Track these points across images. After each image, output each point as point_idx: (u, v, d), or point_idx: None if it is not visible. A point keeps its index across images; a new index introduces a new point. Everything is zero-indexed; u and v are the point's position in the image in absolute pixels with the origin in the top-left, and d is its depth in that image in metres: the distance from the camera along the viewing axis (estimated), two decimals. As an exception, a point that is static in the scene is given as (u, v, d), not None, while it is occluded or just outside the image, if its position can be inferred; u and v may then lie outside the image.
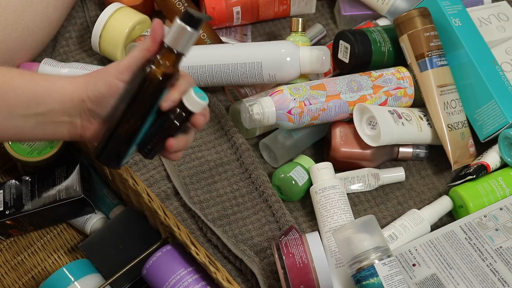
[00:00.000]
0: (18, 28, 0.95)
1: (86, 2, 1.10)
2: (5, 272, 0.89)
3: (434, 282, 0.82)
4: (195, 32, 0.65)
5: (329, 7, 1.13)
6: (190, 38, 0.65)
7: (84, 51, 1.06)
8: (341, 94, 0.90)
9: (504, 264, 0.82)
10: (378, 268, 0.76)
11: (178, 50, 0.66)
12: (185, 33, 0.65)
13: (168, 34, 0.66)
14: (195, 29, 0.65)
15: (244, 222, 0.89)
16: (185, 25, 0.64)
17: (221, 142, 0.96)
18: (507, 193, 0.90)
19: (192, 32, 0.65)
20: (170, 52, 0.66)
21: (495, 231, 0.85)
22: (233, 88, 1.00)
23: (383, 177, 0.92)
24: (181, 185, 0.91)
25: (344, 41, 0.97)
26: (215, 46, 0.95)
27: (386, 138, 0.88)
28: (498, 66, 0.94)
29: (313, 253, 0.79)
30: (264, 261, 0.86)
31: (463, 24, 0.95)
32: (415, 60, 0.93)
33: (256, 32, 1.09)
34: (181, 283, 0.77)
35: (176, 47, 0.65)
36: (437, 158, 0.97)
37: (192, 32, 0.65)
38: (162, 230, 0.84)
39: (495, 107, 0.91)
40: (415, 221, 0.88)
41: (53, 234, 0.92)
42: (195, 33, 0.65)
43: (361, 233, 0.78)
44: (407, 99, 0.94)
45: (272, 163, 0.95)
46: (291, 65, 0.92)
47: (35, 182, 0.88)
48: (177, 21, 0.65)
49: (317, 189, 0.87)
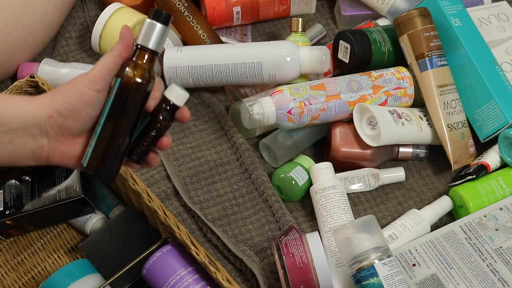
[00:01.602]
0: (18, 28, 0.95)
1: (86, 2, 1.10)
2: (5, 272, 0.89)
3: (434, 282, 0.82)
4: (166, 28, 0.66)
5: (329, 7, 1.13)
6: (162, 35, 0.66)
7: (84, 51, 1.06)
8: (341, 94, 0.90)
9: (504, 264, 0.82)
10: (378, 268, 0.76)
11: (152, 49, 0.66)
12: (157, 30, 0.65)
13: (139, 36, 0.66)
14: (165, 25, 0.66)
15: (244, 222, 0.89)
16: (155, 22, 0.65)
17: (221, 142, 0.96)
18: (507, 193, 0.90)
19: (164, 28, 0.66)
20: (145, 52, 0.66)
21: (495, 231, 0.85)
22: (233, 88, 1.00)
23: (383, 177, 0.92)
24: (181, 185, 0.91)
25: (344, 41, 0.97)
26: (215, 46, 0.95)
27: (386, 138, 0.88)
28: (498, 66, 0.94)
29: (313, 253, 0.79)
30: (264, 261, 0.86)
31: (463, 24, 0.95)
32: (415, 60, 0.93)
33: (256, 32, 1.09)
34: (181, 283, 0.77)
35: (150, 46, 0.66)
36: (437, 158, 0.97)
37: (164, 28, 0.66)
38: (162, 230, 0.84)
39: (495, 107, 0.91)
40: (415, 221, 0.88)
41: (53, 234, 0.92)
42: (166, 29, 0.66)
43: (361, 233, 0.78)
44: (407, 99, 0.94)
45: (272, 163, 0.95)
46: (291, 65, 0.92)
47: (35, 182, 0.88)
48: (147, 20, 0.66)
49: (317, 189, 0.87)
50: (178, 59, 0.94)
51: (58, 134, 0.66)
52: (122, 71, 0.65)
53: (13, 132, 0.65)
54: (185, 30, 0.99)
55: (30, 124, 0.65)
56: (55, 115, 0.65)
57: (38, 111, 0.65)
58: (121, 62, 0.66)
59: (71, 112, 0.65)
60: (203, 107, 1.00)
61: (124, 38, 0.66)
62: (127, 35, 0.66)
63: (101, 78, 0.65)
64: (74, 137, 0.67)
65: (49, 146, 0.67)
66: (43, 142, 0.66)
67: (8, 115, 0.65)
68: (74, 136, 0.67)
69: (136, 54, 0.66)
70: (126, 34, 0.66)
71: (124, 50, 0.66)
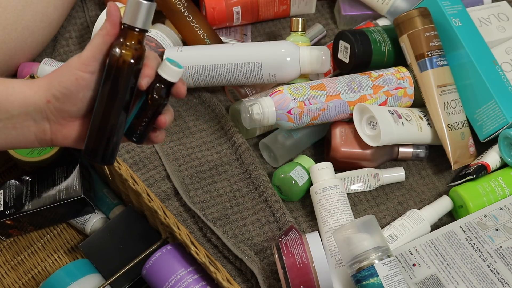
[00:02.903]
0: (18, 28, 0.95)
1: (86, 2, 1.10)
2: (5, 272, 0.89)
3: (434, 282, 0.82)
4: (152, 4, 0.64)
5: (329, 7, 1.13)
6: (149, 11, 0.64)
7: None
8: (341, 94, 0.90)
9: (504, 264, 0.82)
10: (378, 268, 0.76)
11: (139, 27, 0.64)
12: (142, 7, 0.64)
13: (125, 15, 0.65)
14: (151, 1, 0.64)
15: (244, 222, 0.89)
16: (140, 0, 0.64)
17: (221, 142, 0.96)
18: (507, 193, 0.90)
19: (150, 4, 0.64)
20: (133, 31, 0.65)
21: (495, 231, 0.85)
22: (233, 88, 1.00)
23: (383, 177, 0.92)
24: (181, 185, 0.91)
25: (344, 41, 0.97)
26: (215, 46, 0.95)
27: (386, 138, 0.88)
28: (498, 66, 0.94)
29: (313, 253, 0.79)
30: (264, 261, 0.86)
31: (463, 24, 0.95)
32: (415, 60, 0.93)
33: (256, 32, 1.09)
34: (181, 283, 0.77)
35: (137, 24, 0.64)
36: (437, 158, 0.97)
37: (150, 4, 0.64)
38: (162, 230, 0.84)
39: (495, 107, 0.91)
40: (415, 221, 0.88)
41: (53, 234, 0.92)
42: (152, 5, 0.64)
43: (361, 233, 0.78)
44: (407, 99, 0.94)
45: (272, 163, 0.95)
46: (291, 65, 0.92)
47: (35, 182, 0.87)
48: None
49: (317, 189, 0.87)
50: (178, 59, 0.93)
51: (59, 118, 0.67)
52: (111, 50, 0.64)
53: (15, 117, 0.66)
54: (185, 30, 0.99)
55: (31, 110, 0.66)
56: (53, 100, 0.65)
57: (37, 96, 0.66)
58: (110, 41, 0.65)
59: (67, 96, 0.65)
60: (203, 107, 1.00)
61: (111, 16, 0.65)
62: (114, 12, 0.65)
63: (93, 59, 0.65)
64: (74, 120, 0.68)
65: (51, 130, 0.68)
66: (45, 126, 0.67)
67: (10, 101, 0.66)
68: (75, 119, 0.68)
69: (123, 34, 0.65)
70: (112, 12, 0.65)
71: (111, 28, 0.65)
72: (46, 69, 0.98)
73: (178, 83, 0.67)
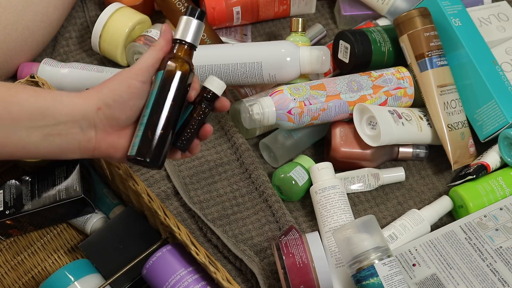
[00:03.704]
0: (18, 28, 0.95)
1: (86, 2, 1.10)
2: (5, 272, 0.89)
3: (434, 282, 0.82)
4: (201, 23, 0.72)
5: (329, 7, 1.13)
6: (199, 29, 0.72)
7: (84, 51, 1.06)
8: (341, 94, 0.90)
9: (504, 264, 0.82)
10: (378, 268, 0.76)
11: (190, 42, 0.72)
12: (194, 25, 0.72)
13: (177, 32, 0.72)
14: (200, 20, 0.72)
15: (244, 222, 0.89)
16: (191, 18, 0.72)
17: (221, 142, 0.96)
18: (507, 193, 0.90)
19: (199, 23, 0.72)
20: (184, 46, 0.72)
21: (495, 231, 0.85)
22: (233, 88, 1.00)
23: (383, 177, 0.92)
24: (181, 185, 0.91)
25: (344, 41, 0.97)
26: (215, 46, 0.95)
27: (386, 138, 0.88)
28: (498, 66, 0.94)
29: (313, 253, 0.79)
30: (264, 261, 0.86)
31: (463, 24, 0.95)
32: (415, 60, 0.93)
33: (256, 32, 1.09)
34: (181, 283, 0.77)
35: (188, 39, 0.72)
36: (437, 158, 0.97)
37: (199, 23, 0.72)
38: (162, 230, 0.84)
39: (495, 107, 0.91)
40: (415, 221, 0.88)
41: (53, 234, 0.92)
42: (201, 24, 0.72)
43: (361, 233, 0.78)
44: (407, 99, 0.94)
45: (272, 163, 0.95)
46: (291, 65, 0.92)
47: (35, 182, 0.87)
48: (184, 16, 0.72)
49: (317, 189, 0.87)
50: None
51: (106, 126, 0.69)
52: (164, 64, 0.71)
53: (62, 124, 0.68)
54: (185, 30, 0.99)
55: (79, 117, 0.68)
56: (104, 107, 0.68)
57: (87, 104, 0.68)
58: (162, 56, 0.71)
59: (119, 103, 0.69)
60: (203, 107, 1.00)
61: (165, 34, 0.72)
62: (168, 31, 0.72)
63: (145, 70, 0.70)
64: (120, 129, 0.71)
65: (97, 138, 0.70)
66: (91, 134, 0.69)
67: (57, 109, 0.68)
68: (121, 128, 0.71)
69: (176, 48, 0.72)
70: (167, 30, 0.72)
71: (165, 45, 0.71)
72: (46, 69, 0.98)
73: (222, 97, 0.74)
